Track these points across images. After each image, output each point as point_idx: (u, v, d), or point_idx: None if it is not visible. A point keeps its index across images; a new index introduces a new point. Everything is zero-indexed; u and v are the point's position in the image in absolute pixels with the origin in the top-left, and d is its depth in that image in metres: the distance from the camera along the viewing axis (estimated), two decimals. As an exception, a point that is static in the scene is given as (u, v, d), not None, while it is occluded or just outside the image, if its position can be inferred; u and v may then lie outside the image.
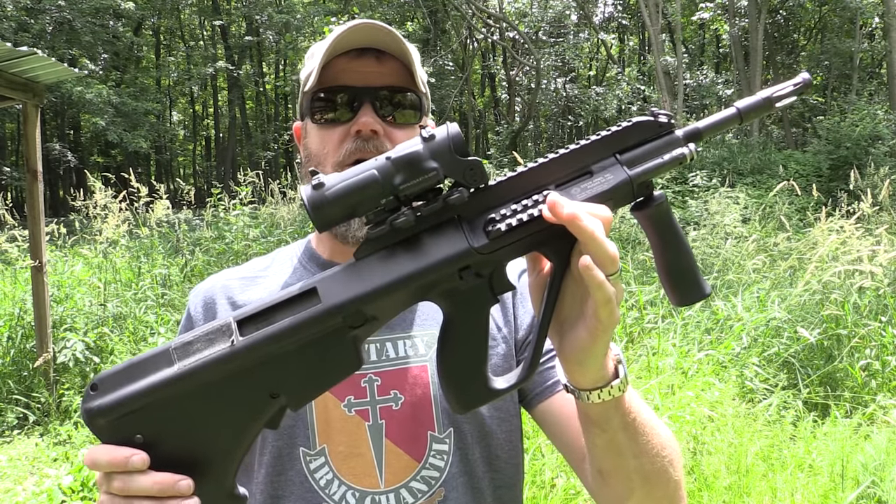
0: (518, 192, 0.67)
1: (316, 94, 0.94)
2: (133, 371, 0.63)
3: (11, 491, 3.66)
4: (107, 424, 0.62)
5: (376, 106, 0.93)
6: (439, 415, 0.94)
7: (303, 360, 0.64)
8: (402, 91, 0.95)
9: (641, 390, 3.64)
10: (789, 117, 21.00)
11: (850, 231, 5.46)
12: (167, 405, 0.62)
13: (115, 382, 0.63)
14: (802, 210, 9.36)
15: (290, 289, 0.65)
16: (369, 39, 0.92)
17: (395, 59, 0.95)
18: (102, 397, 0.62)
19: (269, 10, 23.98)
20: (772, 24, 19.70)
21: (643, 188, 0.68)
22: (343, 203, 0.63)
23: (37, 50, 4.27)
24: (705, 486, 3.02)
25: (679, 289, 0.70)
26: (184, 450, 0.64)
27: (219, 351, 0.62)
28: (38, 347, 4.68)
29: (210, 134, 36.40)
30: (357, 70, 0.94)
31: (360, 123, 0.91)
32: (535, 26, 20.80)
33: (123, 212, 6.46)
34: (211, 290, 1.03)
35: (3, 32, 17.63)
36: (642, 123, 0.68)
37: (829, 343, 4.34)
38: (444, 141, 0.63)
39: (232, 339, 0.62)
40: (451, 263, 0.64)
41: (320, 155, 0.95)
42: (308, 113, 0.97)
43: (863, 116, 12.97)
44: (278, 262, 1.07)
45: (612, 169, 0.67)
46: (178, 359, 0.62)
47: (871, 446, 3.28)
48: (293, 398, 0.65)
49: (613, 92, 20.76)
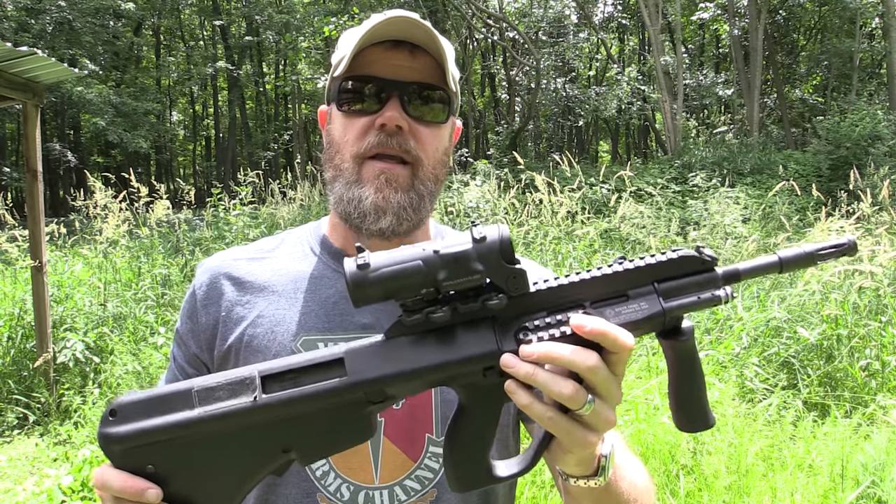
0: (555, 303, 0.68)
1: (344, 81, 0.93)
2: (154, 404, 0.66)
3: (11, 491, 3.66)
4: (122, 452, 0.65)
5: (404, 101, 0.91)
6: (438, 418, 0.93)
7: (319, 425, 0.67)
8: (433, 88, 0.93)
9: (641, 390, 3.64)
10: (789, 117, 21.00)
11: (850, 231, 5.46)
12: (183, 445, 0.65)
13: (134, 412, 0.65)
14: (802, 210, 9.36)
15: (316, 353, 0.68)
16: (405, 33, 0.90)
17: (428, 56, 0.93)
18: (121, 425, 0.65)
19: (269, 10, 23.96)
20: (772, 25, 19.69)
21: (674, 321, 0.69)
22: (384, 287, 0.64)
23: (37, 50, 4.27)
24: (705, 486, 3.02)
25: (687, 416, 0.73)
26: (189, 486, 0.67)
27: (241, 404, 0.65)
28: (38, 347, 4.68)
29: (210, 134, 36.39)
30: (389, 62, 0.92)
31: (386, 117, 0.90)
32: (535, 26, 20.78)
33: (123, 212, 6.46)
34: (217, 268, 1.02)
35: (3, 32, 17.63)
36: (686, 258, 0.69)
37: (829, 343, 4.34)
38: (493, 245, 0.64)
39: (255, 395, 0.65)
40: (478, 362, 0.66)
41: (341, 142, 0.94)
42: (335, 99, 0.95)
43: (863, 116, 12.97)
44: (288, 244, 1.06)
45: (648, 298, 0.68)
46: (199, 402, 0.65)
47: (871, 446, 3.28)
48: (303, 456, 0.68)
49: (613, 92, 20.75)
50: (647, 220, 6.83)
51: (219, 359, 0.98)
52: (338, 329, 0.94)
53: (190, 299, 1.02)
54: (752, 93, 17.00)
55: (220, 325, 0.98)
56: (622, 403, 3.57)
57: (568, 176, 7.67)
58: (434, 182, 0.95)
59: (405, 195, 0.91)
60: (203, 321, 0.99)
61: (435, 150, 0.95)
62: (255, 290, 0.99)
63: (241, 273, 1.01)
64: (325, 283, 0.98)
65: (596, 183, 8.91)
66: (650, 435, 3.25)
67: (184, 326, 1.01)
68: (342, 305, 0.96)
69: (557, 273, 5.27)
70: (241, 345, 0.96)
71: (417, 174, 0.93)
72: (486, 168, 9.35)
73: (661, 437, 3.24)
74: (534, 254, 6.07)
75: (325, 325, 0.95)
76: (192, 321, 1.00)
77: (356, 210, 0.91)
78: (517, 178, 8.54)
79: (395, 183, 0.91)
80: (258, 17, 24.68)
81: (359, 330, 0.94)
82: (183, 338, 1.01)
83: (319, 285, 0.98)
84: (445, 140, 0.97)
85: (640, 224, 6.70)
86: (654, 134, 23.64)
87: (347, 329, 0.94)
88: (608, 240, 7.08)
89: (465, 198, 7.56)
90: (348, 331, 0.94)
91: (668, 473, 3.10)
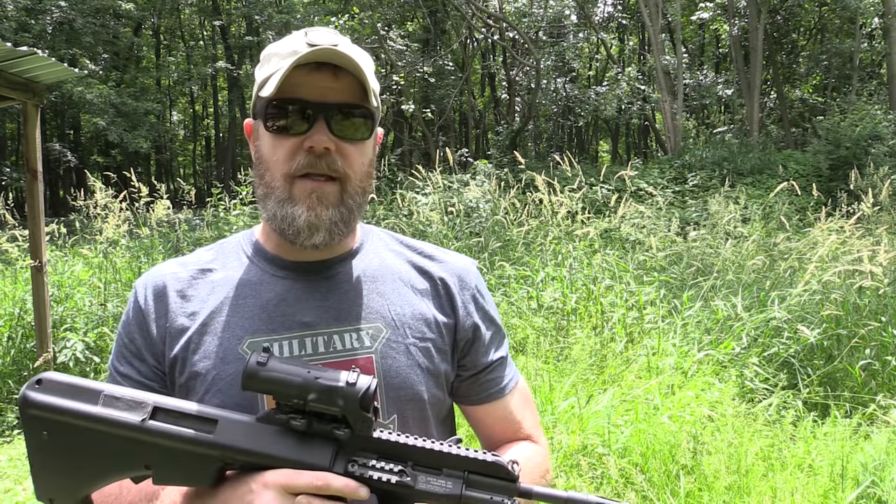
0: (387, 453, 0.82)
1: (272, 102, 0.96)
2: (70, 389, 0.83)
3: (11, 491, 3.66)
4: (32, 413, 0.83)
5: (330, 122, 0.95)
6: (384, 402, 1.00)
7: (180, 460, 0.82)
8: (356, 107, 0.98)
9: (641, 390, 3.64)
10: (789, 117, 21.00)
11: (850, 231, 5.47)
12: (75, 428, 0.82)
13: (54, 388, 0.83)
14: (802, 210, 9.36)
15: (201, 407, 0.84)
16: (329, 56, 0.94)
17: (351, 75, 0.97)
18: (39, 394, 0.82)
19: (269, 10, 23.96)
20: (772, 25, 19.68)
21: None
22: (267, 386, 0.80)
23: (37, 50, 4.27)
24: (705, 486, 3.02)
25: None
26: (61, 459, 0.84)
27: (130, 419, 0.81)
28: (38, 347, 4.68)
29: (210, 134, 36.38)
30: (315, 84, 0.95)
31: (314, 140, 0.94)
32: (535, 26, 20.77)
33: (124, 212, 6.46)
34: (161, 280, 1.05)
35: (4, 32, 17.61)
36: (499, 465, 0.81)
37: (829, 343, 4.34)
38: (357, 392, 0.79)
39: (143, 417, 0.81)
40: (310, 468, 0.81)
41: (270, 161, 0.98)
42: (262, 117, 0.98)
43: (862, 116, 12.97)
44: (224, 255, 1.09)
45: (455, 481, 0.81)
46: (102, 403, 0.82)
47: (871, 446, 3.28)
48: (158, 477, 0.83)
49: (613, 92, 20.74)
50: (647, 220, 6.83)
51: (168, 369, 1.01)
52: (281, 329, 1.00)
53: (137, 314, 1.04)
54: (752, 93, 17.00)
55: (167, 337, 1.01)
56: (622, 403, 3.57)
57: (568, 176, 7.68)
58: (362, 195, 1.02)
59: (335, 210, 0.98)
60: (154, 333, 1.02)
61: (361, 164, 1.00)
62: (198, 299, 1.03)
63: (182, 285, 1.04)
64: (265, 288, 1.03)
65: (596, 183, 8.92)
66: (650, 435, 3.25)
67: (137, 342, 1.02)
68: (283, 307, 1.01)
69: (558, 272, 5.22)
70: (188, 353, 0.99)
71: (346, 189, 0.99)
72: (486, 168, 9.35)
73: (661, 437, 3.24)
74: (534, 254, 6.07)
75: (269, 327, 1.00)
76: (145, 335, 1.02)
77: (290, 227, 0.97)
78: (517, 177, 8.55)
79: (326, 200, 0.97)
80: (258, 17, 24.67)
81: (301, 328, 1.00)
82: (138, 354, 1.02)
83: (259, 290, 1.03)
84: (370, 153, 1.03)
85: (640, 224, 6.71)
86: (654, 134, 23.63)
87: (291, 328, 1.00)
88: (608, 240, 7.09)
89: (465, 197, 7.56)
90: (292, 330, 1.00)
91: (668, 473, 3.10)
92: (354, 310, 1.03)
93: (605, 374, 4.01)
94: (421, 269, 1.11)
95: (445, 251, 1.16)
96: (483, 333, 1.10)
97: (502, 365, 1.13)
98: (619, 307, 4.75)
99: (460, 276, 1.12)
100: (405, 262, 1.12)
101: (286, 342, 0.99)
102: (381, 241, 1.15)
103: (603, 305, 4.79)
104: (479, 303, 1.12)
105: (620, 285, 5.04)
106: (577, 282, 5.13)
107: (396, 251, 1.13)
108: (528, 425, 1.14)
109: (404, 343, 1.03)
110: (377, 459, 0.81)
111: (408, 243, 1.16)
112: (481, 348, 1.10)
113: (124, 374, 1.02)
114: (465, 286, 1.11)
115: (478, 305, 1.11)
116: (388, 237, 1.16)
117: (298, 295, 1.02)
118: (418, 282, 1.09)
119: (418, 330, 1.05)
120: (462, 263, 1.14)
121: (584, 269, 5.27)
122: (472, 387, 1.11)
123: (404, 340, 1.03)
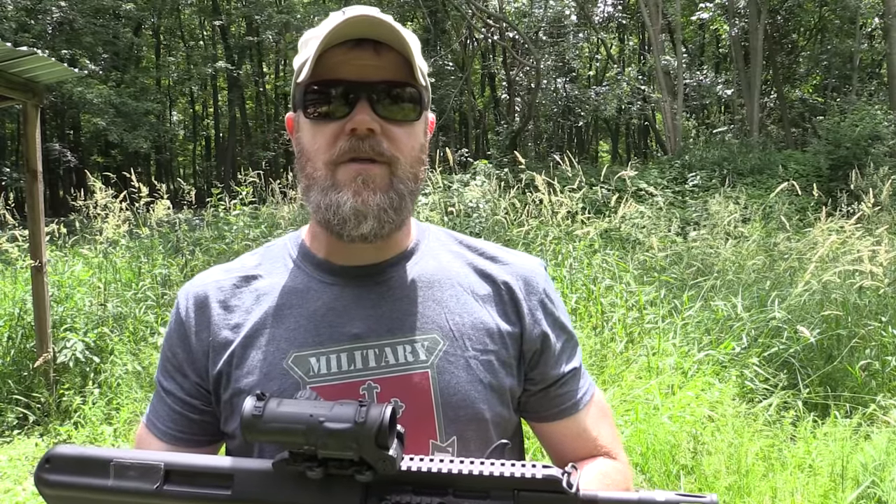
0: (423, 483, 0.73)
1: (309, 87, 0.88)
2: (79, 463, 0.80)
3: (11, 491, 3.66)
4: (50, 494, 0.82)
5: (373, 102, 0.87)
6: (441, 423, 0.91)
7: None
8: (401, 86, 0.89)
9: (642, 390, 3.64)
10: (789, 117, 21.00)
11: (851, 231, 5.46)
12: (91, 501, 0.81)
13: (64, 467, 0.81)
14: (802, 210, 9.37)
15: (215, 460, 0.80)
16: (367, 31, 0.86)
17: (393, 51, 0.88)
18: (51, 474, 0.81)
19: (269, 10, 23.97)
20: (772, 25, 19.68)
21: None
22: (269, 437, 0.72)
23: (37, 50, 4.27)
24: (705, 486, 3.02)
25: None
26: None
27: (143, 487, 0.78)
28: (38, 347, 4.68)
29: (210, 134, 36.38)
30: (353, 62, 0.87)
31: (356, 121, 0.86)
32: (535, 26, 20.78)
33: (124, 212, 6.46)
34: (203, 290, 0.98)
35: (3, 32, 17.61)
36: (550, 479, 0.71)
37: (829, 343, 4.34)
38: (371, 429, 0.69)
39: (157, 484, 0.78)
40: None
41: (311, 151, 0.90)
42: (301, 106, 0.91)
43: (863, 116, 12.96)
44: (270, 260, 1.02)
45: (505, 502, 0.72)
46: (114, 476, 0.79)
47: (871, 446, 3.28)
48: None
49: (614, 92, 20.76)
50: (647, 220, 6.83)
51: (212, 384, 0.95)
52: (328, 342, 0.92)
53: (178, 327, 0.98)
54: (752, 93, 17.00)
55: (210, 352, 0.95)
56: (622, 403, 3.57)
57: (568, 176, 7.67)
58: (413, 180, 0.92)
59: (384, 196, 0.88)
60: (196, 347, 0.96)
61: (411, 148, 0.91)
62: (242, 310, 0.96)
63: (225, 295, 0.97)
64: (312, 296, 0.95)
65: (596, 183, 8.91)
66: (650, 435, 3.25)
67: (179, 357, 0.97)
68: (331, 317, 0.93)
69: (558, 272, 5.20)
70: (232, 368, 0.93)
71: (395, 173, 0.89)
72: (486, 168, 9.35)
73: (661, 437, 3.24)
74: (534, 254, 6.07)
75: (315, 340, 0.92)
76: (186, 349, 0.96)
77: (335, 216, 0.88)
78: (517, 177, 8.54)
79: (374, 183, 0.87)
80: (258, 17, 24.68)
81: (350, 340, 0.92)
82: (180, 369, 0.97)
83: (306, 299, 0.95)
84: (420, 137, 0.94)
85: (640, 224, 6.71)
86: (654, 134, 23.64)
87: (339, 341, 0.92)
88: (608, 240, 7.09)
89: (465, 197, 7.56)
90: (340, 342, 0.92)
91: (668, 473, 3.10)
92: (408, 319, 0.94)
93: (606, 374, 4.01)
94: (482, 272, 1.00)
95: (510, 251, 1.04)
96: (553, 343, 0.99)
97: (575, 377, 1.02)
98: (619, 307, 4.75)
99: (526, 280, 1.01)
100: (465, 264, 1.01)
101: (333, 356, 0.91)
102: (438, 240, 1.04)
103: (603, 305, 4.79)
104: (547, 308, 1.01)
105: (620, 285, 5.03)
106: (577, 282, 5.13)
107: (455, 252, 1.03)
108: (605, 440, 1.02)
109: (464, 356, 0.93)
110: (413, 493, 0.73)
111: (468, 243, 1.05)
112: (551, 359, 0.99)
113: (168, 390, 0.97)
114: (532, 290, 1.00)
115: (546, 311, 1.00)
116: (445, 236, 1.06)
117: (347, 303, 0.94)
118: (479, 287, 0.99)
119: (479, 341, 0.95)
120: (529, 265, 1.03)
121: (584, 270, 5.27)
122: (542, 402, 1.00)
123: (464, 353, 0.93)
